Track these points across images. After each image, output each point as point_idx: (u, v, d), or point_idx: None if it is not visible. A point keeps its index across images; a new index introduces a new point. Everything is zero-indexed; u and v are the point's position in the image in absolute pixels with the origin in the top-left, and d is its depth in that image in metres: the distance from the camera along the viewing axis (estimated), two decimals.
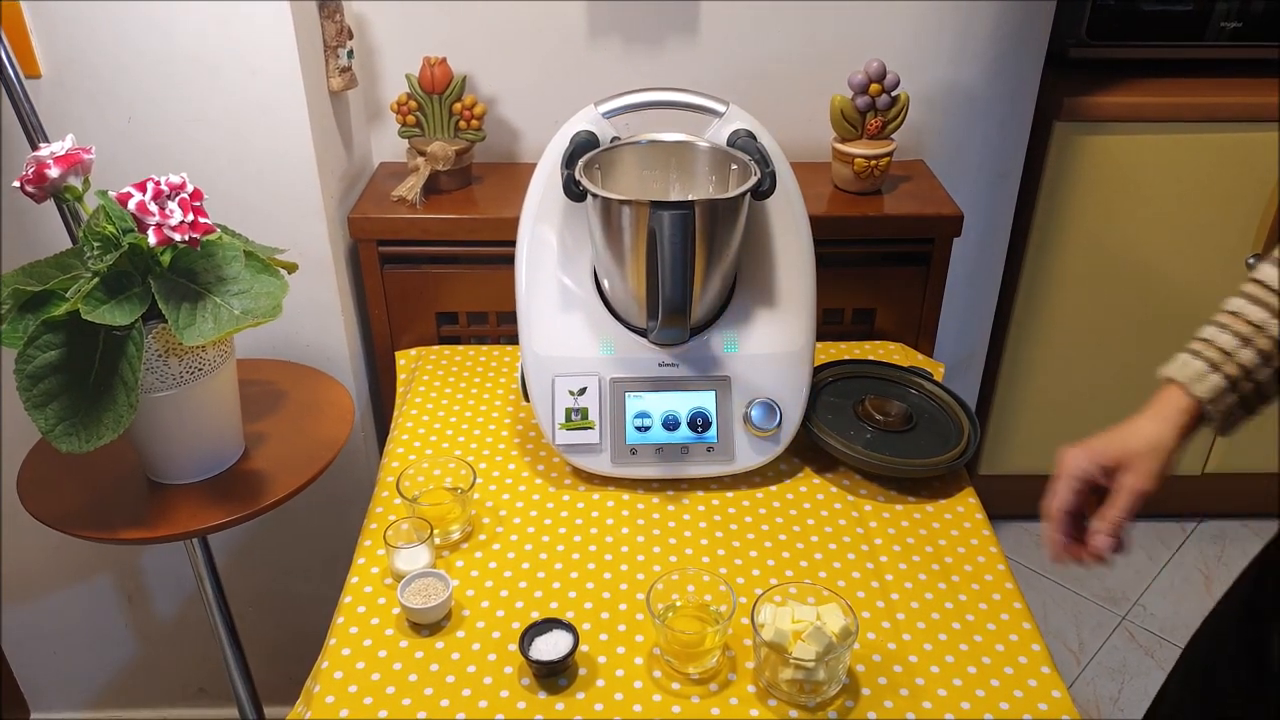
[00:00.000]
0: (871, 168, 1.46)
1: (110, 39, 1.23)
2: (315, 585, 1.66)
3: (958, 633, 0.97)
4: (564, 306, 1.17)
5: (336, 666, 0.94)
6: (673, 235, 1.01)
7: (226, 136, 1.30)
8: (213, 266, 1.05)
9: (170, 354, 1.06)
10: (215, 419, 1.16)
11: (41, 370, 0.98)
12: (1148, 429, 0.86)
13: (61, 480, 1.17)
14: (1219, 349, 0.85)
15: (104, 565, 1.68)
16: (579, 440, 1.14)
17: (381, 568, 1.05)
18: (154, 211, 0.99)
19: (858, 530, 1.10)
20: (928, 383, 1.29)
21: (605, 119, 1.17)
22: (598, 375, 1.15)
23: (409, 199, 1.43)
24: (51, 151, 1.00)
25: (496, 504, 1.14)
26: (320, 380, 1.35)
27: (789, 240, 1.18)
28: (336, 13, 1.35)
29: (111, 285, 1.00)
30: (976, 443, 1.19)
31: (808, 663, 0.87)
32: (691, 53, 1.51)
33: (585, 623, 0.97)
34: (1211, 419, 0.86)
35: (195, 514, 1.11)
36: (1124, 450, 0.85)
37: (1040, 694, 0.90)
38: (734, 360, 1.16)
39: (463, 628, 0.97)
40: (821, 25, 1.50)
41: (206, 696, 1.85)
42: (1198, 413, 0.85)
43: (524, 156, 1.60)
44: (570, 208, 1.15)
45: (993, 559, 1.06)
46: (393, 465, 1.20)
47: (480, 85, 1.53)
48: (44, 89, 1.25)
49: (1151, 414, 0.86)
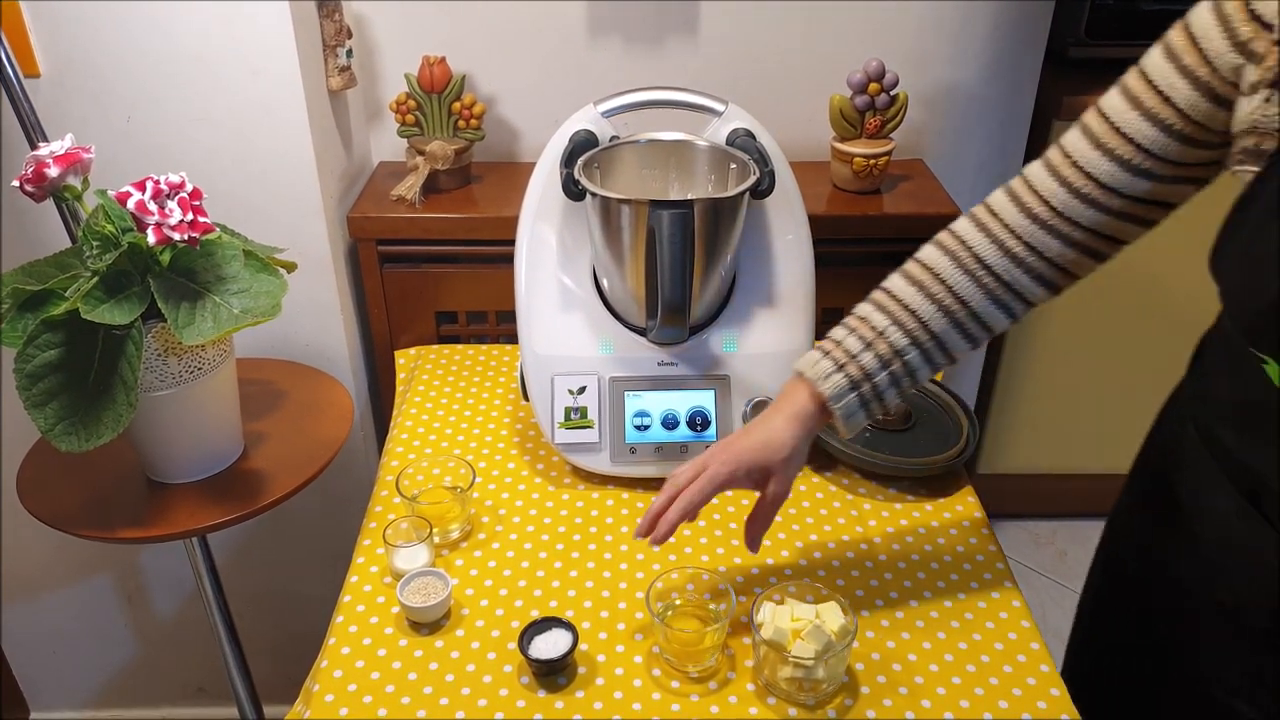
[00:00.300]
0: (870, 167, 1.46)
1: (109, 38, 1.23)
2: (315, 584, 1.67)
3: (956, 631, 0.97)
4: (563, 306, 1.17)
5: (336, 665, 0.94)
6: (672, 234, 1.01)
7: (226, 136, 1.30)
8: (212, 266, 1.05)
9: (169, 353, 1.06)
10: (214, 418, 1.16)
11: (41, 369, 0.98)
12: (785, 434, 0.88)
13: (61, 479, 1.17)
14: (845, 350, 0.88)
15: (103, 564, 1.68)
16: (578, 439, 1.14)
17: (381, 567, 1.05)
18: (153, 211, 0.99)
19: (856, 529, 1.10)
20: (927, 382, 1.29)
21: (604, 118, 1.17)
22: (597, 374, 1.15)
23: (408, 198, 1.43)
24: (51, 151, 1.00)
25: (496, 503, 1.14)
26: (320, 379, 1.36)
27: (788, 239, 1.18)
28: (336, 12, 1.35)
29: (111, 284, 1.00)
30: (975, 442, 1.19)
31: (807, 661, 0.87)
32: (691, 52, 1.51)
33: (585, 621, 0.97)
34: (834, 416, 0.88)
35: (195, 513, 1.11)
36: (770, 461, 0.88)
37: (1039, 692, 0.90)
38: (733, 359, 1.16)
39: (462, 626, 0.97)
40: (820, 24, 1.50)
41: (206, 696, 1.86)
42: (824, 409, 0.88)
43: (523, 156, 1.60)
44: (570, 207, 1.15)
45: (991, 557, 1.06)
46: (392, 464, 1.20)
47: (479, 84, 1.53)
48: (43, 88, 1.25)
49: (786, 413, 0.89)
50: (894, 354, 0.87)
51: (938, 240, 0.89)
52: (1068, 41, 1.73)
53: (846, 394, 0.88)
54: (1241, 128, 0.71)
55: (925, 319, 0.87)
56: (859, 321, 0.89)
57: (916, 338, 0.87)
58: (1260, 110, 0.69)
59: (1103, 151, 0.79)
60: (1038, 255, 0.84)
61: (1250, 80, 0.70)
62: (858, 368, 0.87)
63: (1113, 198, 0.80)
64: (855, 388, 0.87)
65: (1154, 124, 0.76)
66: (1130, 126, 0.77)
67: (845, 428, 0.89)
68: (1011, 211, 0.85)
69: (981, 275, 0.86)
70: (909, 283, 0.88)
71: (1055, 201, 0.82)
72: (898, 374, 0.88)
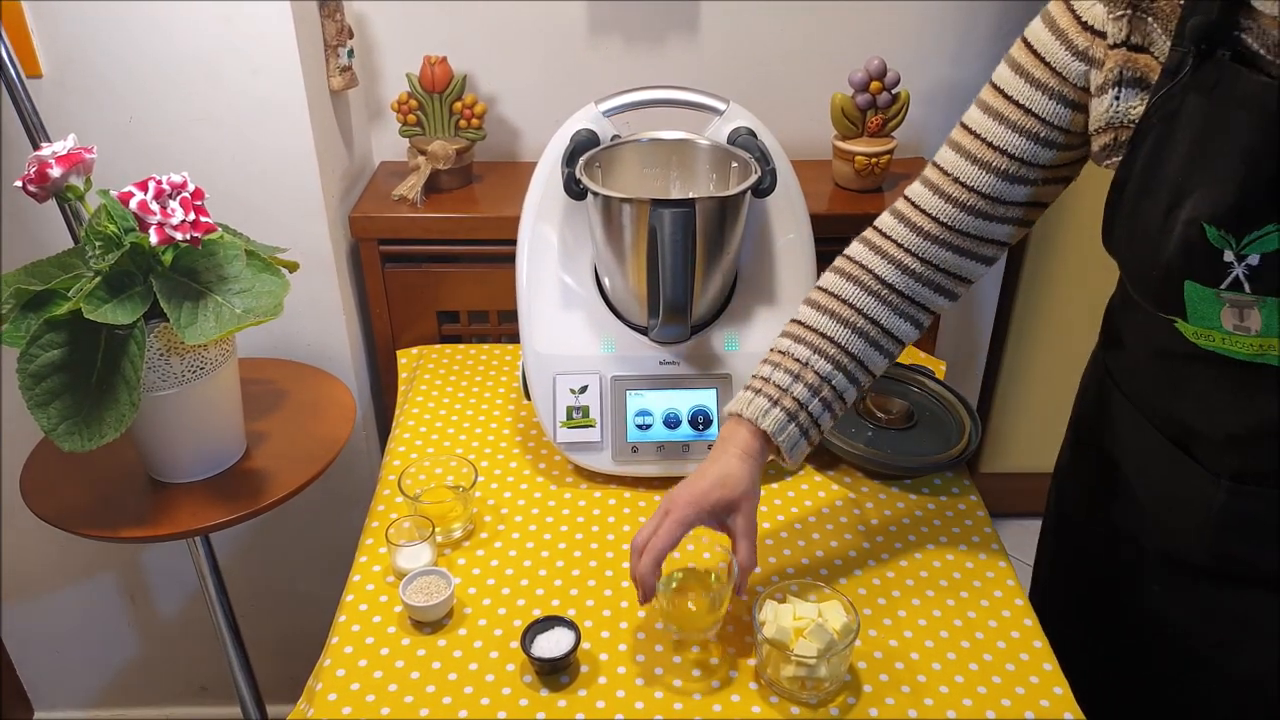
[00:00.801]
0: (872, 165, 1.46)
1: (111, 39, 1.23)
2: (317, 584, 1.67)
3: (959, 630, 0.97)
4: (565, 305, 1.17)
5: (339, 664, 0.94)
6: (673, 233, 1.01)
7: (228, 136, 1.30)
8: (214, 265, 1.05)
9: (172, 353, 1.06)
10: (217, 418, 1.16)
11: (44, 369, 0.98)
12: (740, 470, 0.90)
13: (64, 479, 1.17)
14: (776, 385, 0.92)
15: (106, 564, 1.68)
16: (580, 438, 1.14)
17: (384, 566, 1.05)
18: (155, 210, 0.99)
19: (859, 528, 1.10)
20: (929, 380, 1.29)
21: (606, 117, 1.17)
22: (599, 373, 1.15)
23: (410, 198, 1.43)
24: (53, 151, 1.00)
25: (498, 502, 1.14)
26: (322, 379, 1.36)
27: (790, 238, 1.18)
28: (337, 12, 1.35)
29: (113, 284, 1.00)
30: (978, 440, 1.19)
31: (809, 660, 0.87)
32: (692, 51, 1.51)
33: (587, 620, 0.97)
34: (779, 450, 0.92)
35: (197, 513, 1.11)
36: (731, 497, 0.89)
37: (1042, 690, 0.90)
38: (735, 358, 1.16)
39: (465, 625, 0.98)
40: (822, 23, 1.50)
41: (209, 695, 1.86)
42: (767, 443, 0.92)
43: (524, 155, 1.60)
44: (571, 206, 1.15)
45: (994, 556, 1.06)
46: (394, 464, 1.20)
47: (480, 84, 1.53)
48: (45, 89, 1.25)
49: (734, 453, 0.91)
50: (821, 381, 0.92)
51: (837, 268, 0.95)
52: None
53: (787, 426, 0.91)
54: (1098, 125, 0.79)
55: (843, 343, 0.92)
56: (781, 356, 0.93)
57: (839, 362, 0.92)
58: (1111, 108, 0.77)
59: (980, 166, 0.86)
60: (933, 268, 0.92)
61: (1097, 83, 0.78)
62: (791, 399, 0.91)
63: (995, 206, 0.87)
64: (793, 419, 0.91)
65: (1022, 135, 0.83)
66: (1002, 140, 0.84)
67: (790, 458, 0.93)
68: (902, 231, 0.92)
69: (886, 294, 0.93)
70: (821, 312, 0.93)
71: (943, 217, 0.89)
72: (828, 399, 0.93)
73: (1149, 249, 0.75)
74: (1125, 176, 0.77)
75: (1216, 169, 0.70)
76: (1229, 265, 0.70)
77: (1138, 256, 0.78)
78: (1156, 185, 0.74)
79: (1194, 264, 0.72)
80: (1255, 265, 0.69)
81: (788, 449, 0.92)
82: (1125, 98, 0.76)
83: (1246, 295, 0.71)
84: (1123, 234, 0.79)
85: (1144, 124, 0.75)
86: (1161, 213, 0.73)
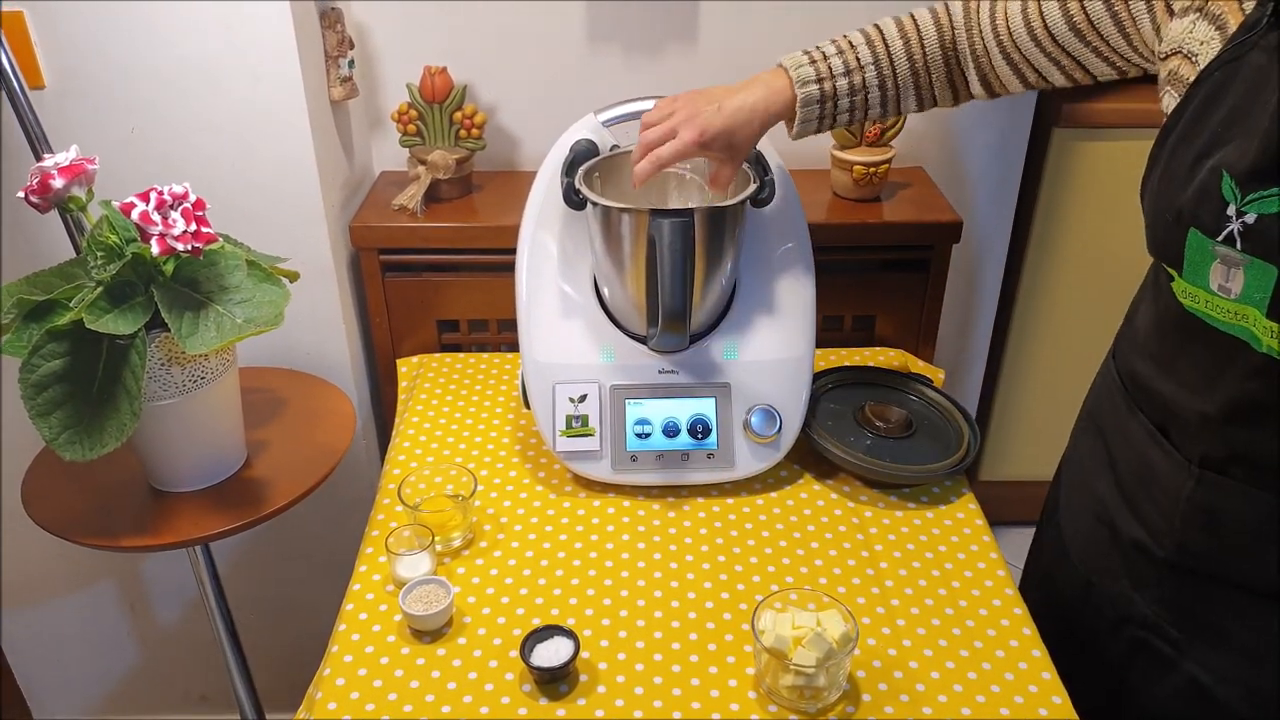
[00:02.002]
0: (871, 175, 1.47)
1: (113, 50, 1.24)
2: (317, 592, 1.67)
3: (958, 639, 0.97)
4: (564, 314, 1.17)
5: (339, 673, 0.94)
6: (672, 243, 1.01)
7: (229, 146, 1.30)
8: (215, 275, 1.05)
9: (173, 362, 1.06)
10: (217, 427, 1.16)
11: (45, 379, 0.99)
12: (754, 99, 1.00)
13: (65, 488, 1.17)
14: (829, 67, 1.01)
15: (107, 572, 1.68)
16: (579, 447, 1.14)
17: (383, 575, 1.05)
18: (157, 221, 1.00)
19: (858, 536, 1.10)
20: (928, 389, 1.29)
21: (605, 127, 1.17)
22: (598, 382, 1.15)
23: (410, 207, 1.44)
24: (55, 162, 1.01)
25: (498, 511, 1.14)
26: (322, 388, 1.36)
27: (788, 247, 1.19)
28: (338, 22, 1.36)
29: (115, 294, 1.00)
30: (976, 449, 1.19)
31: (808, 669, 0.87)
32: (691, 60, 1.52)
33: (586, 629, 0.98)
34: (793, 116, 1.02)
35: (198, 521, 1.12)
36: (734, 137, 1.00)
37: (1040, 699, 0.91)
38: (734, 367, 1.16)
39: (464, 634, 0.98)
40: (820, 31, 1.49)
41: (208, 703, 1.86)
42: (790, 104, 1.01)
43: (524, 165, 1.60)
44: (570, 215, 1.16)
45: (993, 565, 1.06)
46: (394, 472, 1.20)
47: (480, 94, 1.54)
48: (48, 99, 1.26)
49: (760, 89, 1.01)
50: (864, 88, 1.02)
51: (934, 11, 1.03)
52: None
53: (813, 106, 1.01)
54: (1168, 48, 0.82)
55: (898, 70, 1.02)
56: (849, 46, 1.02)
57: (884, 83, 1.02)
58: (1185, 33, 0.80)
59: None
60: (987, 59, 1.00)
61: (1183, 4, 0.81)
62: (831, 85, 1.01)
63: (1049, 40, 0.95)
64: (822, 104, 1.01)
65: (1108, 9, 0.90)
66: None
67: (794, 129, 1.03)
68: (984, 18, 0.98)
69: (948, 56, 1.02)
70: (899, 34, 1.02)
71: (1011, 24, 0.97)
72: (856, 104, 1.03)
73: (1170, 192, 0.78)
74: (1173, 124, 0.79)
75: (1252, 122, 0.72)
76: (1229, 219, 0.72)
77: (1162, 199, 0.79)
78: (1196, 133, 0.76)
79: (1201, 210, 0.74)
80: (1250, 223, 0.71)
81: (799, 122, 1.02)
82: (1199, 30, 0.79)
83: (1236, 252, 0.72)
84: (1155, 179, 0.81)
85: (1205, 73, 0.76)
86: (1192, 158, 0.76)
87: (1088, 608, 1.00)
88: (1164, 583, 0.90)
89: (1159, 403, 0.88)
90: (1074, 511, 1.04)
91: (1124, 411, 0.94)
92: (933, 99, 1.05)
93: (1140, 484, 0.91)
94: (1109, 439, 0.97)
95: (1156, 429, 0.88)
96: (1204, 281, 0.76)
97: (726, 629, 0.98)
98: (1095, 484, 0.99)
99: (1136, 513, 0.92)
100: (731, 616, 0.99)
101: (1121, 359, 0.96)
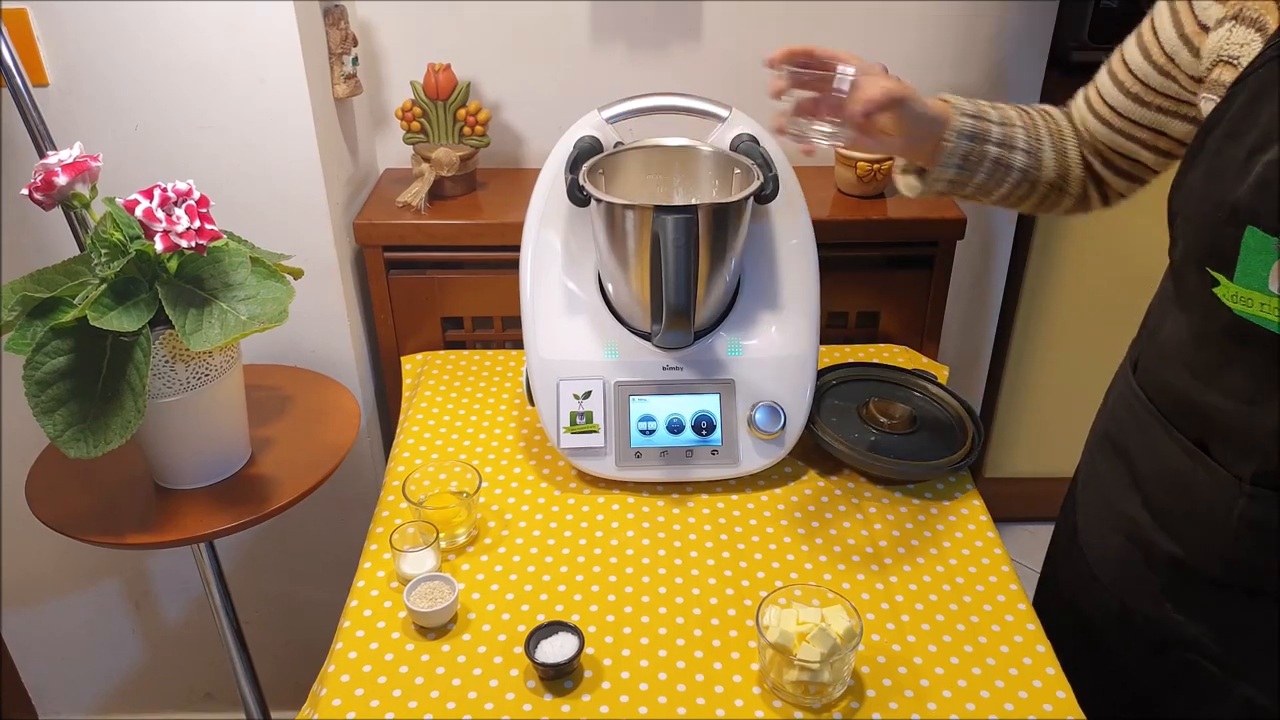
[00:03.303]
0: (874, 171, 1.47)
1: (117, 48, 1.24)
2: (322, 589, 1.67)
3: (962, 634, 0.97)
4: (568, 310, 1.17)
5: (343, 670, 0.94)
6: (676, 239, 1.01)
7: (232, 143, 1.31)
8: (219, 273, 1.05)
9: (177, 360, 1.06)
10: (222, 424, 1.16)
11: (50, 376, 0.99)
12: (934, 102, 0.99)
13: (69, 485, 1.18)
14: (984, 115, 1.00)
15: (111, 570, 1.68)
16: (584, 444, 1.14)
17: (388, 572, 1.05)
18: (161, 218, 1.00)
19: (862, 533, 1.10)
20: (932, 385, 1.29)
21: (609, 124, 1.17)
22: (602, 379, 1.15)
23: (414, 205, 1.44)
24: (59, 159, 1.01)
25: (502, 507, 1.14)
26: (326, 385, 1.36)
27: (792, 244, 1.19)
28: (341, 20, 1.36)
29: (119, 292, 1.00)
30: (980, 445, 1.19)
31: (813, 664, 0.87)
32: (694, 57, 1.52)
33: (591, 625, 0.98)
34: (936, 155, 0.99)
35: (202, 519, 1.12)
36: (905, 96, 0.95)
37: (1045, 695, 0.90)
38: (738, 363, 1.16)
39: (468, 631, 0.98)
40: (823, 28, 1.51)
41: (213, 701, 1.86)
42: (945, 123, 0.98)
43: (528, 162, 1.60)
44: (574, 212, 1.16)
45: (997, 561, 1.06)
46: (399, 469, 1.20)
47: (484, 91, 1.54)
48: (52, 97, 1.26)
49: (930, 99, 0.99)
50: (1011, 138, 1.00)
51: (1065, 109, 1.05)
52: (1071, 45, 1.73)
53: (964, 139, 0.98)
54: (1210, 60, 0.82)
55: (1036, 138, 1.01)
56: (996, 110, 1.02)
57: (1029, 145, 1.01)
58: (1223, 40, 0.80)
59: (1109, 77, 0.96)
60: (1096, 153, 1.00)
61: (1216, 17, 0.81)
62: (986, 126, 0.99)
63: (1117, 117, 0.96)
64: (974, 140, 0.98)
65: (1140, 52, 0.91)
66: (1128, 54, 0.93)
67: (938, 163, 0.98)
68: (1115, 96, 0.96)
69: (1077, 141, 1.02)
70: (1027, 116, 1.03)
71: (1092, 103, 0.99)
72: (1003, 157, 0.99)
73: (1221, 189, 0.75)
74: (1216, 121, 0.78)
75: None
76: None
77: (1208, 198, 0.77)
78: (1246, 129, 0.74)
79: (1261, 206, 0.71)
80: None
81: (946, 153, 0.98)
82: (1236, 34, 0.78)
83: None
84: (1197, 177, 0.79)
85: (1249, 70, 0.75)
86: (1244, 154, 0.74)
87: (1123, 633, 0.97)
88: (1210, 602, 0.88)
89: (1199, 418, 0.84)
90: (1099, 534, 1.00)
91: (1153, 430, 0.90)
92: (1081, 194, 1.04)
93: (1176, 503, 0.88)
94: (1134, 458, 0.94)
95: (1196, 445, 0.85)
96: (1261, 283, 0.73)
97: (731, 625, 0.98)
98: (1122, 505, 0.96)
99: (1172, 532, 0.89)
100: (736, 612, 0.99)
101: (1146, 375, 0.93)
